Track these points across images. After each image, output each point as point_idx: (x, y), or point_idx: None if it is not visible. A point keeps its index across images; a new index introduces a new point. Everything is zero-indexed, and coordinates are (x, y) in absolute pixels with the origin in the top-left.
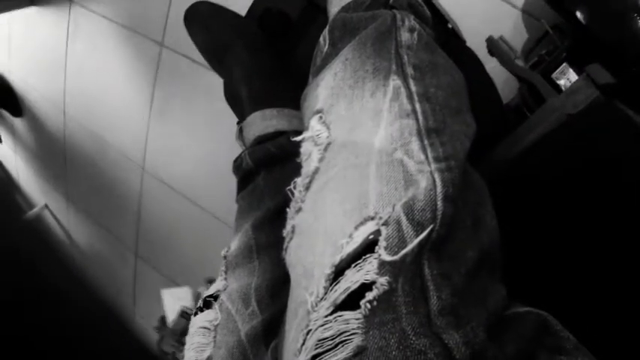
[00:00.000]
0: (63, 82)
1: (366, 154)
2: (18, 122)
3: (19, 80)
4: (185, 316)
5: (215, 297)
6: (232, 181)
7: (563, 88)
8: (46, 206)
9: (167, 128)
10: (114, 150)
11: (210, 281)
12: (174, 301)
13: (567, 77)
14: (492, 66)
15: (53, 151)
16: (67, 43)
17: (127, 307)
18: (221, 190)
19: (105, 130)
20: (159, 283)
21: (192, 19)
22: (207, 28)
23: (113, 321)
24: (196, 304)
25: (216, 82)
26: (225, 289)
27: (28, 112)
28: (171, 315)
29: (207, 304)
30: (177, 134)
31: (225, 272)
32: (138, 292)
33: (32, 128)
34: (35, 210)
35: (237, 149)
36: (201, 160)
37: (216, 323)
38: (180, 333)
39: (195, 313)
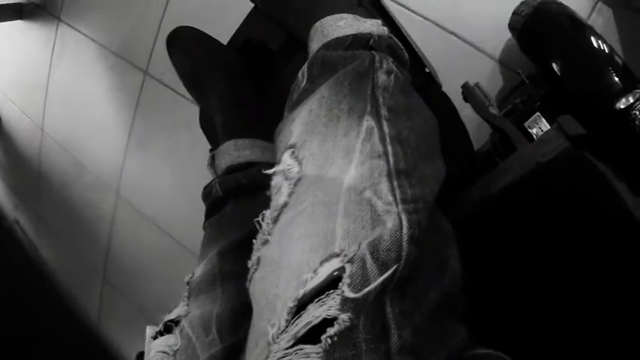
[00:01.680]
0: (43, 99)
1: (335, 191)
2: None
3: None
4: None
5: (176, 322)
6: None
7: (535, 137)
8: (16, 221)
9: (145, 156)
10: (89, 173)
11: None
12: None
13: (539, 126)
14: (466, 113)
15: (27, 168)
16: (52, 61)
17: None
18: (195, 222)
19: (82, 152)
20: (125, 311)
21: (174, 43)
22: (188, 54)
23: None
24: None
25: (197, 116)
26: (186, 315)
27: (5, 125)
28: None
29: (168, 329)
30: (154, 163)
31: (188, 298)
32: (103, 317)
33: (7, 142)
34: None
35: None
36: (177, 191)
37: (175, 348)
38: None
39: (155, 337)
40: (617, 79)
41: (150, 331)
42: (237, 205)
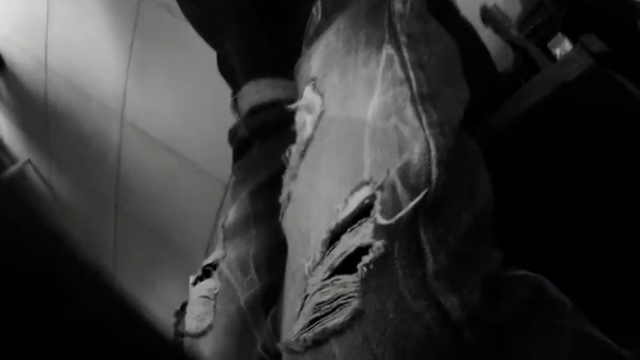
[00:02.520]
0: (44, 35)
1: (360, 121)
2: None
3: None
4: None
5: (214, 266)
6: (212, 130)
7: (558, 58)
8: (29, 161)
9: (146, 79)
10: (94, 101)
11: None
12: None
13: (562, 47)
14: (486, 35)
15: (35, 105)
16: None
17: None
18: (200, 137)
19: (85, 81)
20: (141, 238)
21: None
22: (199, 1)
23: (96, 286)
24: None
25: (195, 35)
26: (223, 258)
27: (9, 67)
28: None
29: (207, 273)
30: (155, 85)
31: (224, 241)
32: (118, 249)
33: (13, 83)
34: (17, 165)
35: (217, 99)
36: (180, 109)
37: (215, 292)
38: None
39: (195, 283)
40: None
41: (192, 279)
42: (264, 144)
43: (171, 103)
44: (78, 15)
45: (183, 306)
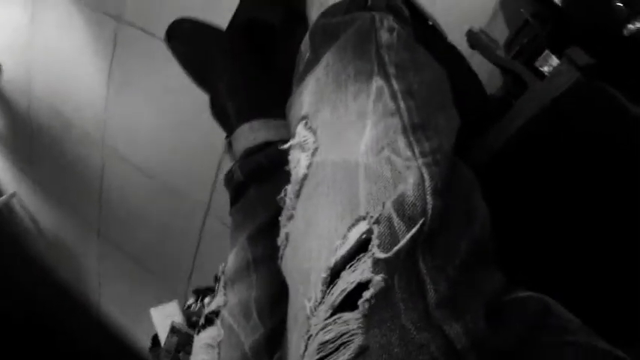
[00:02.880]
0: (27, 60)
1: (353, 156)
2: None
3: None
4: (176, 331)
5: (216, 313)
6: (191, 155)
7: (546, 75)
8: (14, 194)
9: (125, 103)
10: (76, 127)
11: (197, 291)
12: (163, 318)
13: (550, 64)
14: (475, 59)
15: (20, 134)
16: (30, 20)
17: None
18: (178, 162)
19: (67, 106)
20: (124, 266)
21: (173, 35)
22: (189, 44)
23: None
24: (185, 317)
25: (172, 59)
26: (225, 305)
27: None
28: (163, 333)
29: (210, 321)
30: (135, 109)
31: (225, 287)
32: (102, 276)
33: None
34: (3, 198)
35: (197, 122)
36: (159, 133)
37: (219, 340)
38: (174, 349)
39: (199, 331)
40: (621, 4)
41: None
42: (260, 187)
43: (151, 128)
44: (59, 41)
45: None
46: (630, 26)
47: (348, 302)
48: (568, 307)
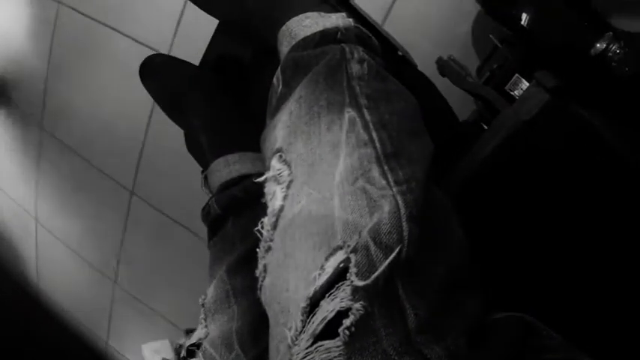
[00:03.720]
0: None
1: (328, 187)
2: None
3: None
4: None
5: (198, 345)
6: None
7: (517, 98)
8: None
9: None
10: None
11: (189, 332)
12: (152, 355)
13: (520, 87)
14: (446, 86)
15: None
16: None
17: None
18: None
19: None
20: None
21: (146, 73)
22: (162, 81)
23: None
24: (176, 355)
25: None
26: (206, 337)
27: None
28: None
29: (191, 354)
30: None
31: (205, 319)
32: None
33: None
34: None
35: None
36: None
37: None
38: None
39: None
40: (587, 25)
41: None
42: (237, 220)
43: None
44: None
45: None
46: (598, 45)
47: (329, 330)
48: (549, 323)
